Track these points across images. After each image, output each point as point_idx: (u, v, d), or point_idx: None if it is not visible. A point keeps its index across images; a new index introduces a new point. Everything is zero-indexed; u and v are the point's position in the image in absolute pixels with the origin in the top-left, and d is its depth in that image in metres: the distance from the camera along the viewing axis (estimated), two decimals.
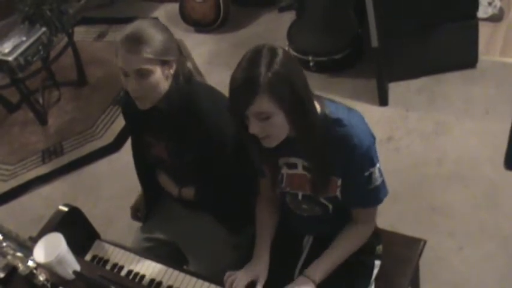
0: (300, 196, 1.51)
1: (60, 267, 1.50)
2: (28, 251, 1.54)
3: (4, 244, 1.55)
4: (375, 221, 1.56)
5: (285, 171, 1.49)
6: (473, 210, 2.34)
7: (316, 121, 1.33)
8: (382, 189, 1.45)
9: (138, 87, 1.50)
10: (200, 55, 3.66)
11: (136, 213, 2.03)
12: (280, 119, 1.29)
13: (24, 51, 3.20)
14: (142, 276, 1.59)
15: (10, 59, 3.15)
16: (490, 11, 3.16)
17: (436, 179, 2.51)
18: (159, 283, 1.56)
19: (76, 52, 3.70)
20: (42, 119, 3.58)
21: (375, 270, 1.59)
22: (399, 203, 2.42)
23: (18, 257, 1.54)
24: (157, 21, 1.61)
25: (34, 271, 1.53)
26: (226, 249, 1.76)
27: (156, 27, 1.51)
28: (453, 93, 2.88)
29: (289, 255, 1.60)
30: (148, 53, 1.46)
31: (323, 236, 1.54)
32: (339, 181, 1.42)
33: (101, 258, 1.69)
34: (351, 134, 1.34)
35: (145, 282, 1.58)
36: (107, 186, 3.02)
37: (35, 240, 1.56)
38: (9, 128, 3.67)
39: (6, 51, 3.18)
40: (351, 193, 1.43)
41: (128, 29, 1.49)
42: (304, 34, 3.31)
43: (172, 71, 1.55)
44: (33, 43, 3.25)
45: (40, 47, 3.30)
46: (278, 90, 1.25)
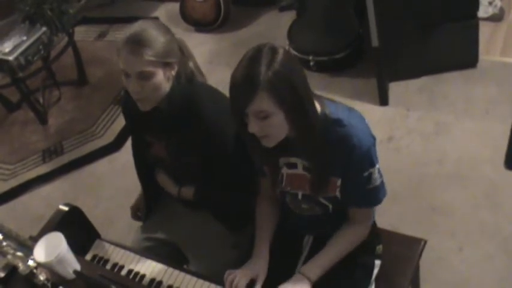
0: (299, 196, 1.51)
1: (60, 266, 1.50)
2: (28, 251, 1.54)
3: (4, 243, 1.55)
4: (371, 221, 1.56)
5: (285, 171, 1.49)
6: (473, 210, 2.34)
7: (316, 121, 1.33)
8: (382, 189, 1.45)
9: (139, 89, 1.50)
10: (200, 55, 3.65)
11: (137, 213, 2.03)
12: (280, 118, 1.29)
13: (24, 51, 3.20)
14: (143, 275, 1.59)
15: (10, 58, 3.15)
16: (490, 11, 3.16)
17: (436, 179, 2.51)
18: (159, 283, 1.56)
19: (76, 52, 3.70)
20: (42, 119, 3.58)
21: (375, 270, 1.59)
22: (399, 203, 2.42)
23: (18, 257, 1.54)
24: (159, 22, 1.61)
25: (34, 271, 1.52)
26: (227, 248, 1.76)
27: (158, 28, 1.51)
28: (453, 93, 2.88)
29: (289, 255, 1.60)
30: (150, 56, 1.45)
31: (323, 235, 1.54)
32: (339, 181, 1.42)
33: (101, 258, 1.69)
34: (351, 134, 1.34)
35: (145, 281, 1.58)
36: (107, 186, 3.03)
37: (35, 239, 1.56)
38: (9, 127, 3.67)
39: (6, 50, 3.18)
40: (350, 193, 1.44)
41: (130, 30, 1.48)
42: (305, 34, 3.31)
43: (173, 73, 1.55)
44: (33, 43, 3.25)
45: (40, 47, 3.30)
46: (278, 89, 1.25)
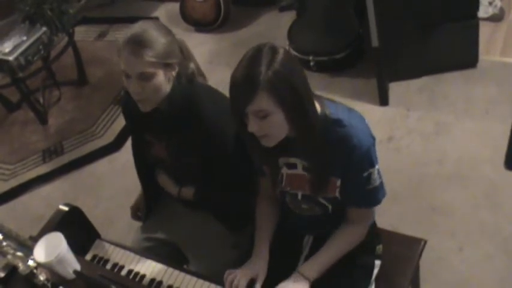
0: (299, 196, 1.51)
1: (60, 266, 1.50)
2: (28, 251, 1.54)
3: (4, 243, 1.55)
4: (370, 221, 1.56)
5: (285, 171, 1.49)
6: (473, 210, 2.34)
7: (316, 121, 1.33)
8: (381, 190, 1.45)
9: (140, 90, 1.50)
10: (200, 55, 3.65)
11: (137, 213, 2.03)
12: (279, 118, 1.29)
13: (24, 51, 3.20)
14: (143, 275, 1.59)
15: (10, 58, 3.15)
16: (490, 11, 3.16)
17: (436, 179, 2.51)
18: (160, 283, 1.56)
19: (76, 52, 3.70)
20: (42, 119, 3.58)
21: (375, 270, 1.59)
22: (399, 203, 2.42)
23: (18, 257, 1.54)
24: (159, 23, 1.60)
25: (34, 271, 1.52)
26: (227, 248, 1.76)
27: (159, 29, 1.51)
28: (453, 93, 2.88)
29: (289, 254, 1.60)
30: (150, 57, 1.45)
31: (323, 236, 1.54)
32: (338, 181, 1.42)
33: (101, 258, 1.69)
34: (351, 134, 1.34)
35: (145, 281, 1.58)
36: (107, 186, 3.03)
37: (35, 239, 1.56)
38: (9, 127, 3.67)
39: (6, 50, 3.18)
40: (349, 193, 1.44)
41: (131, 31, 1.48)
42: (305, 34, 3.31)
43: (174, 73, 1.55)
44: (33, 43, 3.25)
45: (40, 47, 3.30)
46: (278, 89, 1.25)
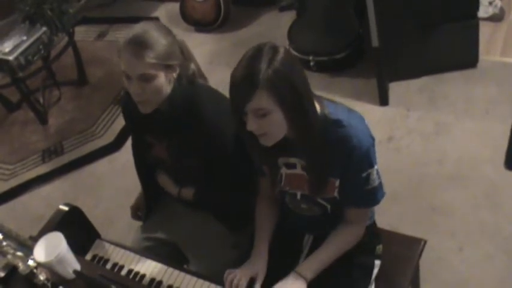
0: (298, 196, 1.51)
1: (60, 266, 1.50)
2: (28, 251, 1.54)
3: (4, 243, 1.55)
4: (367, 221, 1.56)
5: (284, 171, 1.49)
6: (473, 210, 2.34)
7: (315, 121, 1.33)
8: (380, 190, 1.45)
9: (140, 91, 1.50)
10: (201, 55, 3.65)
11: (137, 213, 2.03)
12: (279, 117, 1.29)
13: (24, 51, 3.20)
14: (143, 275, 1.59)
15: (11, 58, 3.15)
16: (490, 11, 3.16)
17: (436, 179, 2.51)
18: (159, 282, 1.56)
19: (76, 52, 3.70)
20: (42, 119, 3.58)
21: (375, 270, 1.59)
22: (399, 203, 2.42)
23: (18, 257, 1.54)
24: (160, 24, 1.60)
25: (34, 270, 1.52)
26: (227, 248, 1.76)
27: (160, 30, 1.50)
28: (453, 93, 2.88)
29: (289, 254, 1.60)
30: (151, 58, 1.45)
31: (323, 235, 1.53)
32: (337, 182, 1.42)
33: (101, 258, 1.69)
34: (350, 135, 1.34)
35: (145, 281, 1.58)
36: (107, 186, 3.03)
37: (35, 239, 1.56)
38: (9, 127, 3.67)
39: (6, 50, 3.18)
40: (348, 193, 1.44)
41: (132, 32, 1.47)
42: (305, 34, 3.31)
43: (175, 75, 1.55)
44: (33, 42, 3.25)
45: (40, 47, 3.30)
46: (277, 87, 1.25)
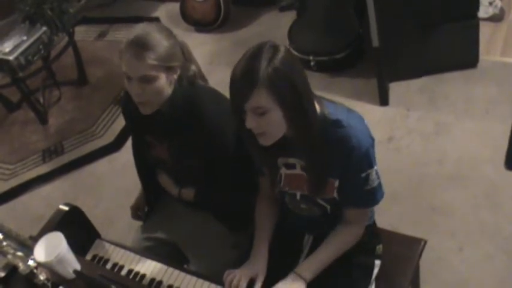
0: (298, 196, 1.51)
1: (60, 266, 1.50)
2: (28, 251, 1.54)
3: (4, 243, 1.55)
4: (367, 221, 1.56)
5: (284, 171, 1.49)
6: (473, 210, 2.34)
7: (315, 121, 1.33)
8: (379, 191, 1.45)
9: (141, 92, 1.50)
10: (201, 55, 3.65)
11: (137, 213, 2.03)
12: (278, 115, 1.29)
13: (24, 51, 3.20)
14: (143, 275, 1.59)
15: (11, 58, 3.15)
16: (490, 11, 3.16)
17: (436, 179, 2.51)
18: (160, 282, 1.56)
19: (77, 51, 3.70)
20: (42, 119, 3.58)
21: (375, 270, 1.59)
22: (399, 203, 2.42)
23: (18, 257, 1.54)
24: (162, 25, 1.60)
25: (34, 270, 1.52)
26: (227, 248, 1.76)
27: (161, 32, 1.50)
28: (454, 93, 2.88)
29: (289, 254, 1.60)
30: (153, 60, 1.45)
31: (323, 235, 1.53)
32: (336, 182, 1.42)
33: (101, 258, 1.69)
34: (350, 135, 1.34)
35: (145, 281, 1.58)
36: (108, 186, 3.03)
37: (36, 239, 1.56)
38: (9, 127, 3.67)
39: (6, 50, 3.18)
40: (347, 193, 1.44)
41: (133, 33, 1.47)
42: (305, 34, 3.31)
43: (176, 76, 1.55)
44: (33, 42, 3.25)
45: (41, 47, 3.30)
46: (277, 86, 1.25)
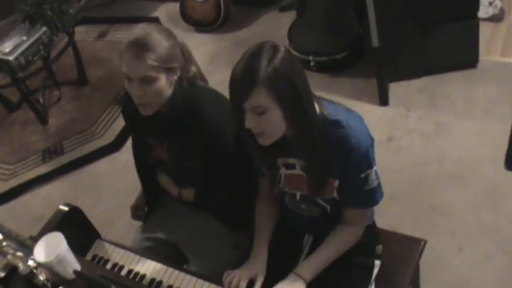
0: (298, 196, 1.51)
1: (60, 266, 1.50)
2: (28, 251, 1.54)
3: (4, 243, 1.55)
4: (366, 221, 1.56)
5: (283, 171, 1.49)
6: (473, 210, 2.34)
7: (314, 121, 1.33)
8: (378, 191, 1.45)
9: (141, 93, 1.50)
10: (201, 55, 3.65)
11: (137, 213, 2.03)
12: (277, 115, 1.29)
13: (24, 51, 3.20)
14: (143, 275, 1.59)
15: (11, 58, 3.15)
16: (490, 11, 3.16)
17: (436, 179, 2.51)
18: (160, 282, 1.56)
19: (76, 52, 3.70)
20: (42, 119, 3.58)
21: (375, 270, 1.59)
22: (399, 203, 2.41)
23: (18, 257, 1.54)
24: (162, 26, 1.60)
25: (34, 271, 1.52)
26: (227, 248, 1.76)
27: (162, 33, 1.51)
28: (454, 93, 2.88)
29: (289, 254, 1.60)
30: (153, 60, 1.45)
31: (323, 236, 1.53)
32: (336, 182, 1.42)
33: (101, 258, 1.69)
34: (349, 135, 1.34)
35: (145, 281, 1.58)
36: (108, 186, 3.03)
37: (35, 239, 1.56)
38: (9, 127, 3.67)
39: (6, 50, 3.18)
40: (347, 194, 1.44)
41: (133, 34, 1.47)
42: (305, 34, 3.31)
43: (176, 77, 1.55)
44: (33, 42, 3.25)
45: (41, 47, 3.30)
46: (277, 85, 1.25)
